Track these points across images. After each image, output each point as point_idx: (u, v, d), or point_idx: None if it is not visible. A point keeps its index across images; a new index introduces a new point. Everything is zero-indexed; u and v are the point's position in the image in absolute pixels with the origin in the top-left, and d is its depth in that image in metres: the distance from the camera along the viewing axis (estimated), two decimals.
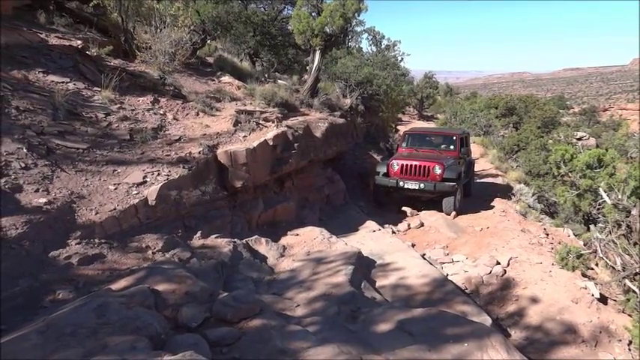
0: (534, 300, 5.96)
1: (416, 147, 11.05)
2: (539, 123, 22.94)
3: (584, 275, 6.84)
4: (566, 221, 11.10)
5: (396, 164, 10.03)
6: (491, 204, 10.86)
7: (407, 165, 9.89)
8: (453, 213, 9.72)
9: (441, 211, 9.84)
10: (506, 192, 12.35)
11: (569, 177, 8.72)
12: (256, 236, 6.09)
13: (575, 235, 9.49)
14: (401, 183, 9.78)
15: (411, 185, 9.74)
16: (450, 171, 9.69)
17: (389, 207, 10.49)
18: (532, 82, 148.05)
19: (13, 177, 4.35)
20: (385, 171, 10.13)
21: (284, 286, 4.85)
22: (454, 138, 11.10)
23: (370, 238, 7.42)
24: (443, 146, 11.02)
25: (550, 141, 17.64)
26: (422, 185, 9.61)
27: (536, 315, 5.71)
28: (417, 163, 9.84)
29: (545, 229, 9.28)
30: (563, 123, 27.67)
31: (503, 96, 31.20)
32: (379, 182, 10.10)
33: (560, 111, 37.72)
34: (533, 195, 12.32)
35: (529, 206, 11.34)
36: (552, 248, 7.80)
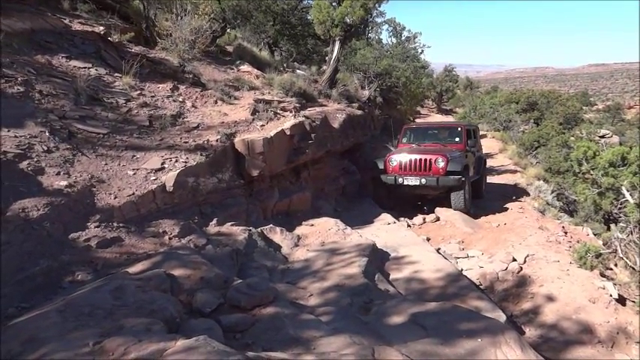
0: (550, 298, 5.88)
1: (417, 142, 10.15)
2: (561, 119, 22.53)
3: (602, 275, 6.71)
4: (585, 220, 10.91)
5: (394, 159, 9.10)
6: (509, 200, 10.70)
7: (406, 160, 8.98)
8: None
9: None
10: (524, 189, 12.17)
11: (591, 175, 8.54)
12: (271, 225, 6.11)
13: (595, 234, 9.31)
14: (400, 179, 8.84)
15: (411, 181, 8.79)
16: (454, 163, 8.73)
17: (391, 207, 9.44)
18: (555, 78, 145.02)
19: (35, 160, 4.43)
20: (383, 167, 9.17)
21: (298, 275, 4.87)
22: (459, 129, 10.22)
23: (385, 231, 7.39)
24: (447, 139, 10.12)
25: (572, 138, 17.28)
26: (423, 180, 8.66)
27: (552, 313, 5.63)
28: (418, 156, 8.92)
29: (563, 227, 9.11)
30: (586, 120, 27.12)
31: (525, 91, 30.70)
32: (378, 179, 9.21)
33: (584, 107, 36.92)
34: (552, 192, 12.12)
35: (548, 203, 11.15)
36: (570, 247, 7.66)
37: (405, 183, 8.86)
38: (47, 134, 4.81)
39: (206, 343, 2.46)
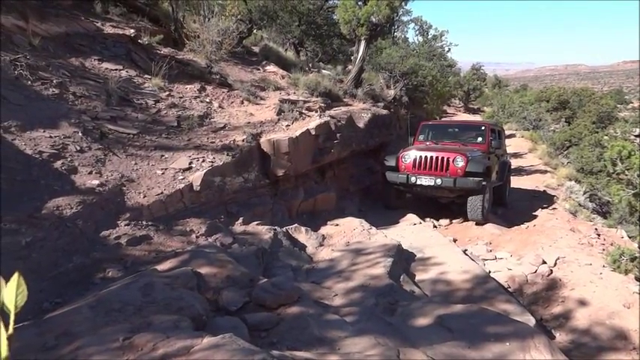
0: (582, 302, 5.70)
1: (435, 140, 9.37)
2: (594, 118, 21.82)
3: (637, 279, 6.47)
4: (619, 222, 10.54)
5: (407, 156, 8.27)
6: (538, 201, 10.44)
7: (421, 157, 8.15)
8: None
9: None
10: (554, 189, 11.85)
11: (626, 175, 8.24)
12: (296, 225, 6.14)
13: (630, 237, 8.99)
14: (413, 179, 8.00)
15: (425, 181, 7.92)
16: (474, 164, 7.89)
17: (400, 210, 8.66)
18: (588, 75, 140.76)
19: (69, 159, 4.58)
20: (394, 164, 8.34)
21: (322, 275, 4.87)
22: (483, 128, 9.38)
23: (410, 231, 7.32)
24: (469, 139, 9.27)
25: (605, 137, 16.73)
26: (439, 181, 7.80)
27: (584, 318, 5.46)
28: (434, 154, 8.11)
29: (596, 229, 8.84)
30: (620, 118, 26.19)
31: (556, 89, 29.88)
32: (388, 178, 8.36)
33: (618, 106, 35.67)
34: (584, 193, 11.77)
35: (580, 205, 10.84)
36: (604, 249, 7.42)
37: (418, 183, 8.02)
38: (80, 134, 4.96)
39: (232, 340, 2.49)
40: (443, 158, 8.03)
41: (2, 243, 3.41)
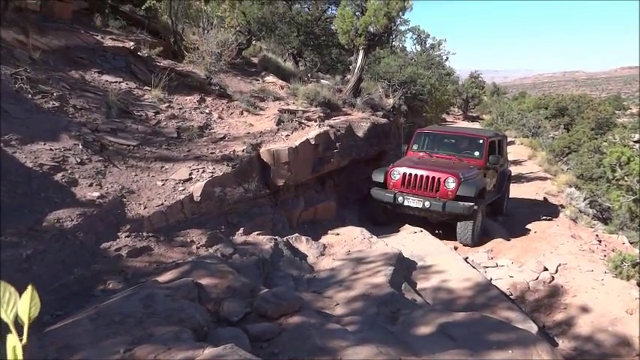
0: (584, 309, 5.68)
1: (430, 151, 8.80)
2: (593, 124, 21.95)
3: (639, 285, 6.46)
4: (620, 228, 10.53)
5: (396, 173, 7.76)
6: (539, 208, 10.43)
7: (411, 174, 7.63)
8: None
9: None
10: (554, 196, 11.85)
11: (625, 181, 8.25)
12: (297, 234, 6.13)
13: (631, 243, 8.98)
14: (400, 198, 7.53)
15: (413, 203, 7.48)
16: (467, 186, 7.39)
17: (389, 225, 8.10)
18: (585, 82, 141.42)
19: (69, 171, 4.59)
20: (382, 180, 7.87)
21: (324, 284, 4.86)
22: (481, 142, 8.64)
23: (411, 240, 7.30)
24: (465, 152, 8.67)
25: (604, 143, 16.79)
26: (427, 204, 7.36)
27: (587, 325, 5.44)
28: (424, 172, 7.57)
29: (597, 235, 8.83)
30: (619, 124, 26.30)
31: (554, 96, 30.07)
32: (374, 195, 7.89)
33: (616, 112, 35.85)
34: (584, 199, 11.78)
35: (580, 211, 10.84)
36: (605, 256, 7.40)
37: (406, 204, 7.57)
38: (80, 147, 4.98)
39: (233, 351, 2.48)
40: (434, 178, 7.53)
41: (3, 256, 3.41)
